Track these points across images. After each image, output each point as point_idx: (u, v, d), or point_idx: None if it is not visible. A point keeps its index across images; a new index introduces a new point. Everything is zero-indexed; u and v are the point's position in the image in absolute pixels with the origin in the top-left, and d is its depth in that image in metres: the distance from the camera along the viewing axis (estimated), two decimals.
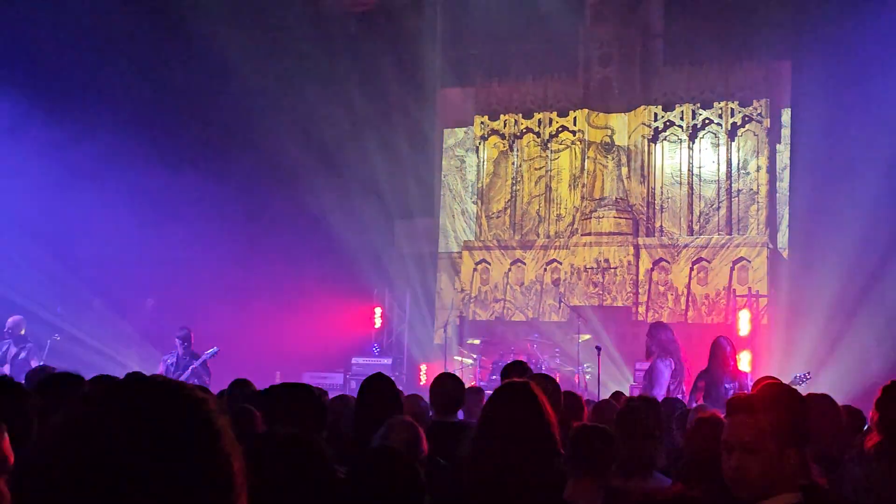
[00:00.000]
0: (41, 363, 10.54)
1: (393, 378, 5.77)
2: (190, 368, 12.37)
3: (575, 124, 17.65)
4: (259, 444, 2.64)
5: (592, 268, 16.94)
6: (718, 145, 16.88)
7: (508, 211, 18.02)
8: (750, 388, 7.88)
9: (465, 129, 18.57)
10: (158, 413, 0.97)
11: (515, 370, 6.11)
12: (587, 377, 14.09)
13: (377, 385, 5.18)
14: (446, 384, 6.06)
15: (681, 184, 16.98)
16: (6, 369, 11.63)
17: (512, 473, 3.38)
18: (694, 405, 7.84)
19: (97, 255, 14.64)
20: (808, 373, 10.57)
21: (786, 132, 16.57)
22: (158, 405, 0.98)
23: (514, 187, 18.01)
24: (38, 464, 0.94)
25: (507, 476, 3.38)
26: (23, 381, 5.03)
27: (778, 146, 16.65)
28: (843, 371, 13.42)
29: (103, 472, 0.91)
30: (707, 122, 16.96)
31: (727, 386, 8.90)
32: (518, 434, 3.43)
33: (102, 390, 1.00)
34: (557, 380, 5.85)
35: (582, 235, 17.20)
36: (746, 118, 16.70)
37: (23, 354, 12.11)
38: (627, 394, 9.95)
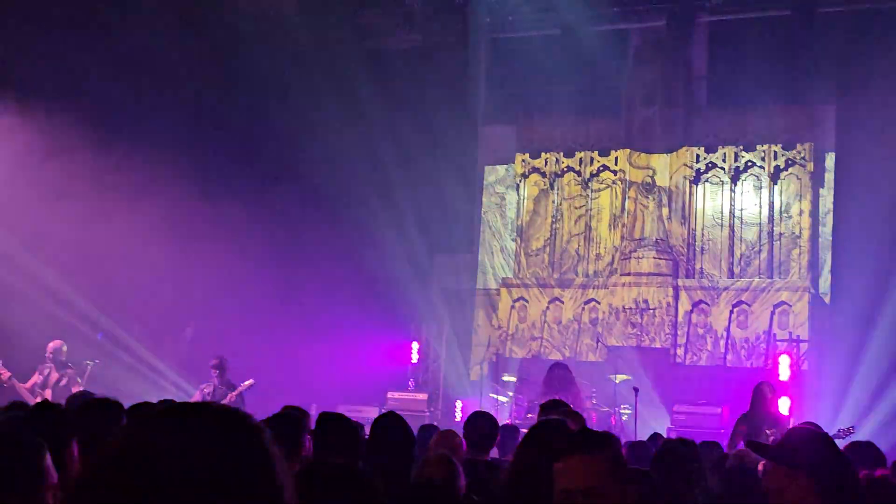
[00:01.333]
0: (82, 388, 10.64)
1: (428, 414, 5.78)
2: (227, 398, 12.42)
3: (616, 164, 17.63)
4: (309, 473, 2.63)
5: (631, 308, 16.84)
6: (761, 188, 16.78)
7: (547, 249, 18.00)
8: None
9: (506, 166, 18.61)
10: (216, 438, 0.97)
11: (554, 408, 6.06)
12: (624, 418, 13.96)
13: (390, 422, 5.21)
14: (479, 422, 6.07)
15: (722, 226, 16.88)
16: (48, 394, 11.74)
17: None
18: (734, 450, 7.76)
19: (137, 282, 14.80)
20: (853, 427, 10.34)
21: (829, 176, 16.43)
22: (216, 431, 0.98)
23: (554, 225, 18.00)
24: (95, 484, 0.95)
25: None
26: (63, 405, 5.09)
27: (821, 190, 16.51)
28: (886, 420, 13.22)
29: (158, 496, 0.92)
30: (749, 164, 16.87)
31: (768, 431, 8.83)
32: (543, 473, 3.41)
33: (161, 413, 1.01)
34: (593, 420, 5.82)
35: (621, 275, 17.12)
36: (790, 161, 16.59)
37: (64, 381, 12.20)
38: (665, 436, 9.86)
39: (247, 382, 12.67)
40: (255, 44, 15.96)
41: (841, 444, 5.86)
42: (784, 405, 12.57)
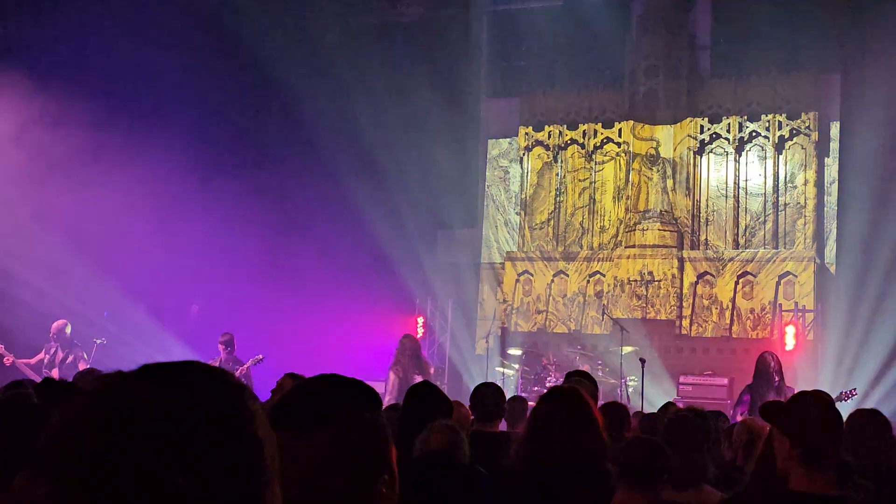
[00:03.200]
0: (89, 366, 10.67)
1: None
2: (236, 373, 12.44)
3: (620, 136, 17.57)
4: None
5: (636, 280, 16.82)
6: (765, 158, 16.72)
7: (552, 222, 17.97)
8: None
9: (509, 139, 18.56)
10: (193, 393, 0.96)
11: (578, 378, 5.98)
12: (630, 390, 13.98)
13: (423, 390, 5.16)
14: (486, 394, 5.99)
15: (726, 197, 16.84)
16: (55, 373, 11.78)
17: (562, 476, 3.37)
18: (738, 418, 7.78)
19: (145, 261, 14.81)
20: (854, 389, 10.40)
21: (834, 145, 16.37)
22: (193, 385, 0.97)
23: (558, 198, 17.96)
24: (67, 433, 0.93)
25: (557, 478, 3.37)
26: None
27: (826, 160, 16.46)
28: (891, 387, 13.23)
29: (131, 448, 0.90)
30: (754, 134, 16.81)
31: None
32: (567, 437, 3.42)
33: (140, 369, 1.00)
34: (600, 393, 5.79)
35: (626, 248, 17.10)
36: (794, 131, 16.53)
37: (70, 359, 12.24)
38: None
39: (255, 358, 12.69)
40: (257, 20, 15.88)
41: (846, 409, 5.88)
42: (789, 375, 12.55)
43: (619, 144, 17.60)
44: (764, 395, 9.03)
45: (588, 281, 17.35)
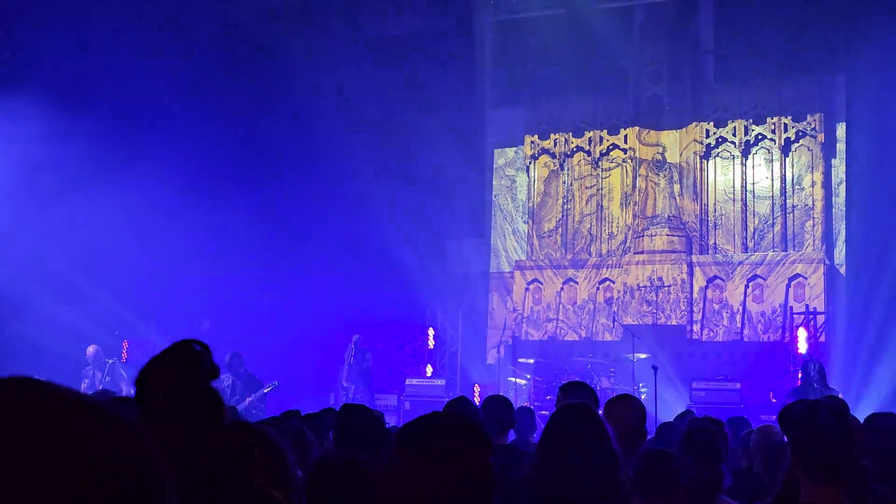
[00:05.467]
0: (125, 381, 10.93)
1: (447, 399, 5.75)
2: (247, 401, 12.46)
3: (626, 142, 17.56)
4: (318, 468, 2.63)
5: (646, 286, 16.80)
6: (772, 161, 16.70)
7: (560, 230, 17.96)
8: None
9: (515, 148, 18.56)
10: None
11: (575, 389, 5.98)
12: (643, 397, 13.94)
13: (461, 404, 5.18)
14: (495, 406, 5.94)
15: (734, 200, 16.81)
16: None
17: (577, 493, 3.37)
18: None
19: (156, 279, 14.85)
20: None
21: (841, 147, 16.33)
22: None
23: (566, 206, 17.95)
24: None
25: (571, 492, 3.37)
26: None
27: (833, 161, 16.42)
28: None
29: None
30: (760, 137, 16.79)
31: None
32: (581, 454, 3.43)
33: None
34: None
35: (634, 254, 17.08)
36: (800, 133, 16.51)
37: (108, 378, 12.67)
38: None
39: (270, 385, 12.77)
40: (262, 34, 15.93)
41: (862, 412, 5.84)
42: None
43: (625, 150, 17.59)
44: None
45: (598, 288, 17.33)
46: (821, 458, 2.97)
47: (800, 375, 10.41)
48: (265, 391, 12.67)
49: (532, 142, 18.19)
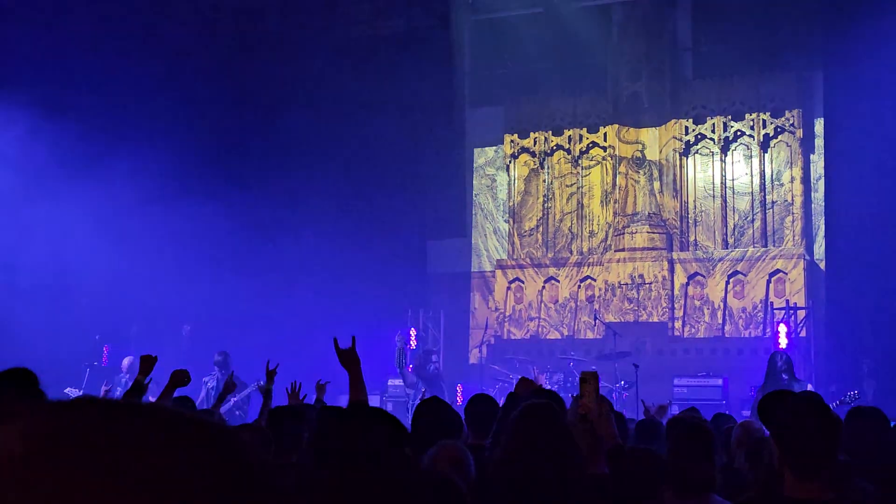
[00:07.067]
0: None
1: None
2: (231, 401, 12.37)
3: (605, 140, 17.60)
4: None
5: (627, 284, 16.83)
6: (751, 157, 16.77)
7: (541, 229, 17.97)
8: None
9: (495, 147, 18.57)
10: None
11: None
12: (625, 394, 13.96)
13: (433, 407, 5.12)
14: (479, 406, 5.87)
15: (714, 197, 16.87)
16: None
17: (538, 492, 3.38)
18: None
19: (136, 282, 14.75)
20: (856, 392, 10.46)
21: (819, 142, 16.42)
22: None
23: (546, 205, 17.96)
24: None
25: (533, 495, 3.38)
26: None
27: (812, 156, 16.51)
28: (886, 383, 13.24)
29: None
30: (739, 133, 16.86)
31: None
32: (541, 454, 3.45)
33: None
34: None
35: (615, 251, 17.11)
36: (779, 129, 16.58)
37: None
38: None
39: (253, 385, 12.66)
40: (241, 35, 15.86)
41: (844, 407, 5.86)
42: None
43: (604, 148, 17.63)
44: None
45: (579, 286, 17.35)
46: (807, 451, 2.96)
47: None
48: (250, 391, 12.58)
49: (512, 141, 18.21)
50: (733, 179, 16.83)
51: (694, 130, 17.05)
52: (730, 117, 16.86)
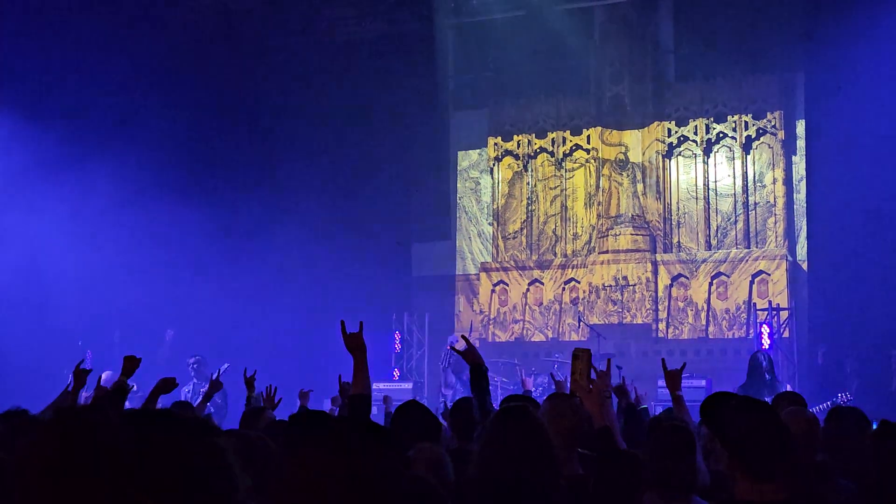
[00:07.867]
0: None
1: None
2: (200, 393, 12.30)
3: (589, 142, 17.63)
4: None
5: (611, 286, 16.86)
6: (733, 159, 16.83)
7: (525, 231, 17.99)
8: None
9: (478, 150, 18.57)
10: None
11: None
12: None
13: (411, 412, 5.11)
14: (464, 409, 5.84)
15: (697, 199, 16.92)
16: None
17: (516, 493, 3.39)
18: None
19: (118, 287, 14.68)
20: (848, 393, 10.57)
21: (801, 143, 16.49)
22: None
23: (530, 207, 17.98)
24: None
25: (512, 496, 3.39)
26: None
27: (794, 158, 16.58)
28: (867, 383, 13.30)
29: None
30: (721, 135, 16.92)
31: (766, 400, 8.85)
32: (519, 457, 3.46)
33: None
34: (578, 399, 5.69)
35: (599, 253, 17.14)
36: (761, 131, 16.65)
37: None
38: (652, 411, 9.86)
39: (221, 368, 12.49)
40: (223, 39, 15.81)
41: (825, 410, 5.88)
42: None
43: (588, 151, 17.66)
44: (756, 395, 9.05)
45: (563, 288, 17.37)
46: (755, 455, 2.90)
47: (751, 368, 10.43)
48: (214, 375, 12.49)
49: (495, 143, 18.22)
50: (716, 181, 16.89)
51: (676, 132, 17.10)
52: (712, 119, 16.93)
